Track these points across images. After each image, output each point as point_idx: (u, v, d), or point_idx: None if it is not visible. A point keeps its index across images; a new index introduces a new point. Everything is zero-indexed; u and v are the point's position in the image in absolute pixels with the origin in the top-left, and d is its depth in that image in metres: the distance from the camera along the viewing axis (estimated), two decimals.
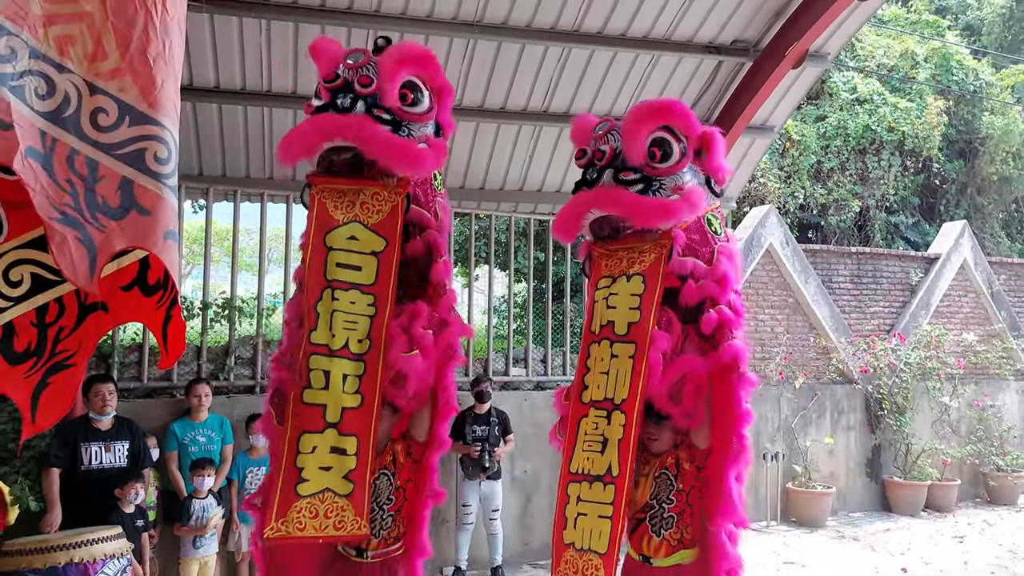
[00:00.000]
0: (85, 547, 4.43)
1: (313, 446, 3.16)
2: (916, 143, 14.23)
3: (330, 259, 3.28)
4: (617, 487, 3.30)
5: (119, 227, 1.99)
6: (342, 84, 3.22)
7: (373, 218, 3.35)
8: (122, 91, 2.06)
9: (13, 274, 2.42)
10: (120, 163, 2.02)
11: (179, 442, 5.79)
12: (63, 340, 2.53)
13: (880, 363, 9.72)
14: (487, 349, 8.09)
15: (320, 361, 3.20)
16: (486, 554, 6.97)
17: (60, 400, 2.57)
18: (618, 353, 3.41)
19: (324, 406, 3.18)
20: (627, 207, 3.34)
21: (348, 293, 3.27)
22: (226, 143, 7.19)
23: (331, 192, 3.34)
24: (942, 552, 7.84)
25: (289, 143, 3.24)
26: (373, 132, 3.18)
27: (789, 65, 7.03)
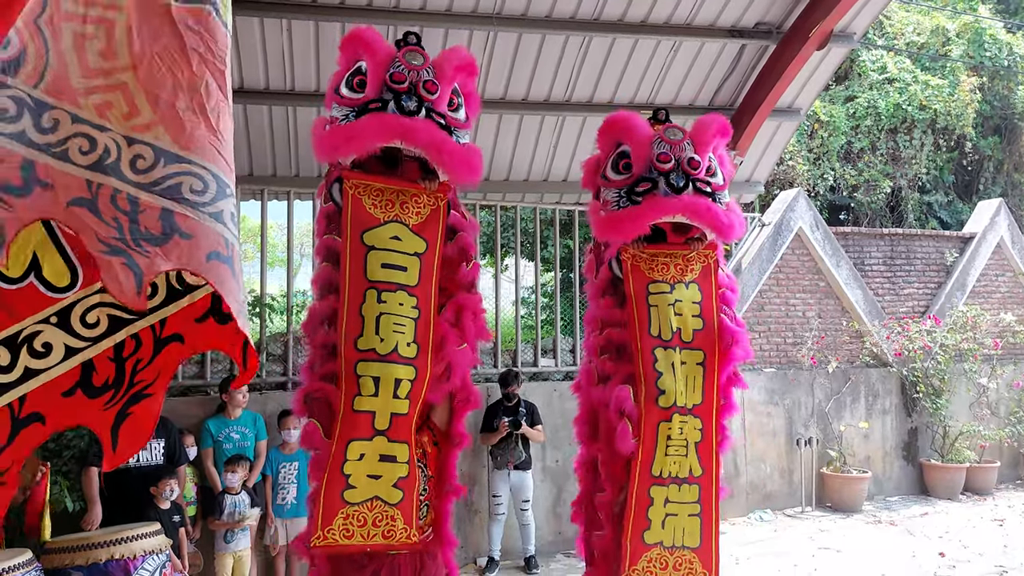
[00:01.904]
0: (125, 544, 4.53)
1: (361, 453, 3.13)
2: (949, 121, 13.96)
3: (371, 259, 3.23)
4: (701, 486, 3.51)
5: (162, 251, 2.19)
6: (408, 87, 3.21)
7: (414, 219, 3.33)
8: (156, 139, 2.27)
9: (90, 317, 2.56)
10: (159, 197, 2.24)
11: (214, 439, 5.88)
12: (140, 371, 2.63)
13: (915, 345, 9.58)
14: (516, 340, 8.11)
15: (369, 367, 3.15)
16: (519, 544, 7.00)
17: (140, 429, 2.66)
18: (687, 360, 3.56)
19: (373, 413, 3.14)
20: (717, 221, 3.45)
21: (396, 295, 3.22)
22: (252, 142, 7.28)
23: (367, 189, 3.31)
24: (981, 536, 7.73)
25: (349, 136, 3.19)
26: (443, 139, 3.20)
27: (814, 46, 6.94)
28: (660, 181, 3.47)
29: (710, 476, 3.52)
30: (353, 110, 3.25)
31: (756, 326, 9.21)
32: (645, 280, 3.63)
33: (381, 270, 3.23)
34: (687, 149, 3.52)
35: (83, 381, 2.56)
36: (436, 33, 6.68)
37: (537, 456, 7.21)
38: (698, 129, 3.63)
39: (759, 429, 8.89)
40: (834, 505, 8.96)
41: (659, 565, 3.44)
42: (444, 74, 3.31)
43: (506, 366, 7.75)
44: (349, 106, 3.27)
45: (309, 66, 6.73)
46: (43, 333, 2.50)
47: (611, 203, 3.63)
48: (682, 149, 3.52)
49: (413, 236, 3.31)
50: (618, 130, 3.74)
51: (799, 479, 9.00)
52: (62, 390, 2.53)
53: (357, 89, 3.29)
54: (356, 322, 3.17)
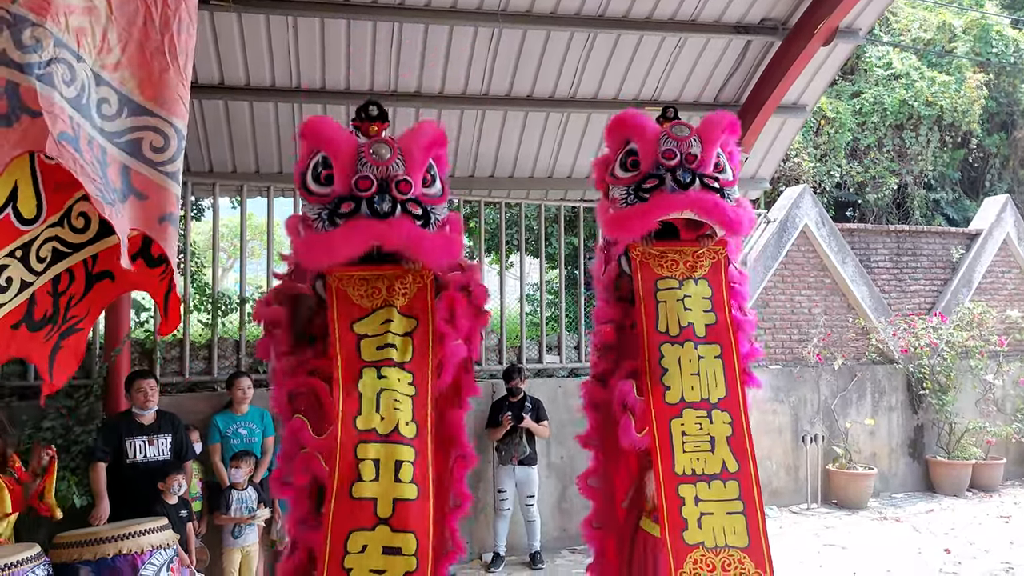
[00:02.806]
0: (133, 539, 4.54)
1: (363, 545, 2.89)
2: (955, 117, 13.92)
3: (364, 345, 3.15)
4: (741, 483, 3.39)
5: (123, 209, 2.11)
6: (377, 189, 3.12)
7: (401, 300, 3.26)
8: (122, 83, 2.13)
9: (42, 251, 2.52)
10: (119, 151, 2.11)
11: (221, 434, 5.91)
12: (73, 307, 2.64)
13: (921, 342, 9.56)
14: (521, 337, 8.12)
15: (368, 450, 2.97)
16: (524, 540, 7.01)
17: (71, 360, 2.72)
18: (704, 354, 3.51)
19: (375, 500, 2.92)
20: (725, 216, 3.44)
21: (393, 370, 3.11)
22: (258, 139, 7.30)
23: (352, 280, 3.24)
24: (987, 532, 7.72)
25: (327, 249, 3.12)
26: (420, 238, 3.14)
27: (819, 42, 6.92)
28: (667, 177, 3.46)
29: (748, 471, 3.40)
30: (325, 208, 3.17)
31: (761, 323, 9.20)
32: (654, 277, 3.61)
33: (377, 352, 3.14)
34: (694, 145, 3.51)
35: (27, 315, 2.55)
36: (441, 30, 6.69)
37: (542, 452, 7.23)
38: (706, 126, 3.63)
39: (765, 426, 8.88)
40: (840, 502, 8.95)
41: (705, 567, 3.29)
42: (415, 161, 3.21)
43: (511, 362, 7.76)
44: (320, 203, 3.19)
45: (315, 63, 6.74)
46: (9, 268, 2.44)
47: (619, 200, 3.63)
48: (689, 145, 3.50)
49: (403, 317, 3.23)
50: (626, 128, 3.73)
51: (805, 476, 8.99)
52: (11, 323, 2.52)
53: (324, 183, 3.21)
54: (353, 400, 3.02)
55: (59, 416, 5.74)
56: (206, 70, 6.62)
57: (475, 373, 7.50)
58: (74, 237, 2.62)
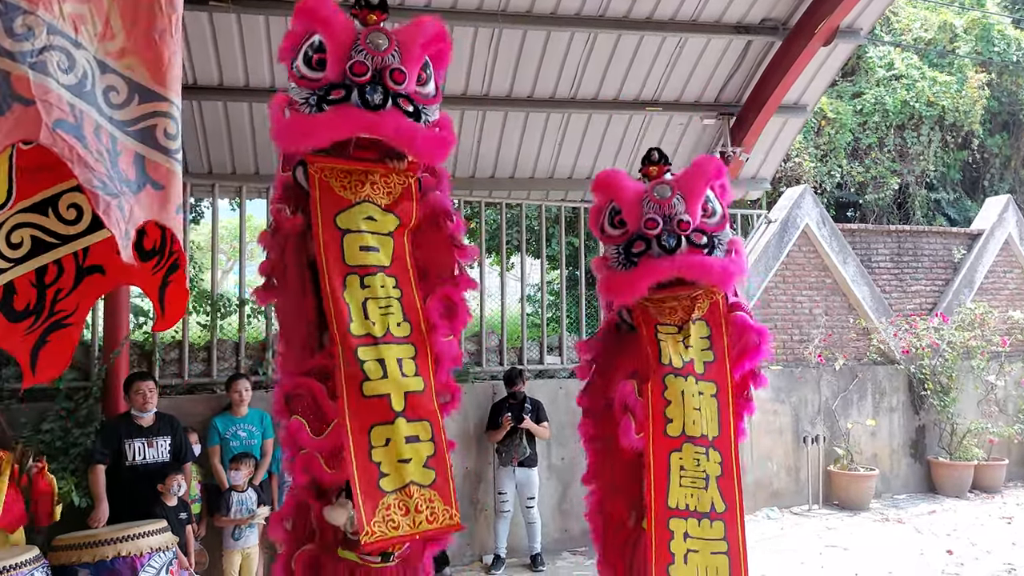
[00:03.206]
0: (131, 541, 4.53)
1: (386, 438, 2.99)
2: (957, 117, 13.90)
3: (348, 242, 3.10)
4: (726, 522, 3.45)
5: (136, 200, 2.03)
6: (371, 78, 3.04)
7: (384, 199, 3.21)
8: (130, 69, 2.07)
9: (14, 236, 2.47)
10: (133, 140, 2.05)
11: (221, 436, 5.89)
12: (61, 300, 2.58)
13: (922, 343, 9.54)
14: (522, 338, 8.11)
15: (369, 351, 3.04)
16: (525, 542, 7.00)
17: (58, 357, 2.62)
18: (703, 391, 3.54)
19: (388, 395, 3.02)
20: (712, 275, 3.47)
21: (376, 277, 3.11)
22: (257, 141, 7.28)
23: (335, 172, 3.16)
24: (989, 533, 7.70)
25: (310, 130, 3.04)
26: (411, 131, 3.07)
27: (820, 42, 6.90)
28: (653, 242, 3.47)
29: (735, 512, 3.45)
30: (313, 93, 3.08)
31: (762, 323, 9.17)
32: (654, 322, 3.65)
33: (359, 253, 3.10)
34: (676, 206, 3.49)
35: (3, 303, 2.50)
36: None
37: (543, 454, 7.21)
38: (687, 179, 3.59)
39: (766, 427, 8.87)
40: (841, 503, 8.93)
41: None
42: (411, 55, 3.12)
43: (512, 364, 7.75)
44: (309, 88, 3.10)
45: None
46: None
47: (611, 259, 3.66)
48: (672, 207, 3.48)
49: (385, 214, 3.20)
50: (607, 188, 3.72)
51: (806, 477, 8.97)
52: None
53: (316, 68, 3.11)
54: (342, 309, 3.04)
55: (58, 418, 5.73)
56: (205, 71, 6.61)
57: (475, 374, 7.54)
58: (63, 228, 2.57)
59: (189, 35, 6.27)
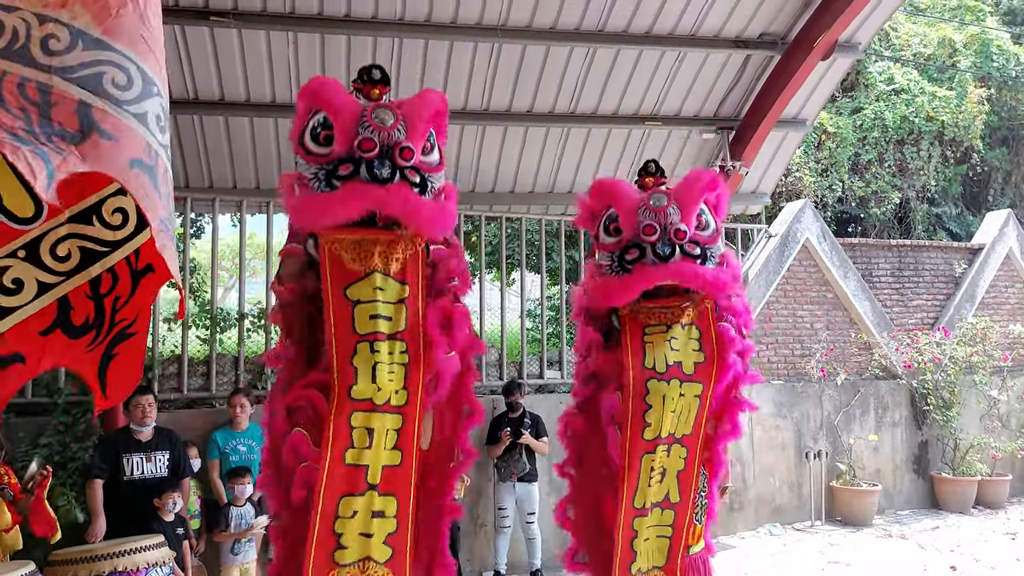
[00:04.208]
0: (128, 556, 4.52)
1: (354, 510, 2.99)
2: (956, 132, 13.93)
3: (358, 313, 3.12)
4: (677, 512, 3.59)
5: (79, 150, 1.94)
6: (380, 152, 3.08)
7: (394, 266, 3.21)
8: (73, 17, 2.00)
9: (60, 249, 2.43)
10: (75, 86, 1.96)
11: (220, 451, 5.87)
12: (121, 309, 2.52)
13: (924, 357, 9.51)
14: (522, 352, 8.09)
15: (361, 418, 3.03)
16: (525, 558, 6.95)
17: (129, 371, 2.56)
18: (686, 392, 3.59)
19: (367, 467, 3.02)
20: (704, 283, 3.51)
21: (386, 343, 3.11)
22: (258, 155, 7.31)
23: (344, 244, 3.17)
24: (993, 549, 7.64)
25: (323, 210, 3.06)
26: (417, 206, 3.09)
27: (819, 56, 6.93)
28: (647, 249, 3.52)
29: (685, 505, 3.60)
30: (322, 168, 3.11)
31: (763, 338, 9.16)
32: (642, 325, 3.68)
33: (369, 322, 3.11)
34: (672, 215, 3.54)
35: (61, 320, 2.45)
36: (441, 45, 6.70)
37: (543, 469, 7.16)
38: (683, 190, 3.65)
39: (768, 442, 8.83)
40: (844, 519, 8.88)
41: None
42: (416, 129, 3.17)
43: (511, 378, 7.73)
44: (318, 163, 3.13)
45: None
46: (12, 268, 2.37)
47: (604, 267, 3.69)
48: (667, 216, 3.53)
49: (394, 283, 3.19)
50: (605, 195, 3.76)
51: (808, 493, 8.92)
52: (40, 329, 2.43)
53: (324, 144, 3.13)
54: (348, 372, 3.03)
55: (56, 433, 5.71)
56: (206, 86, 6.64)
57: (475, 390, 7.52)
58: (111, 234, 2.52)
59: (190, 49, 6.31)
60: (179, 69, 6.36)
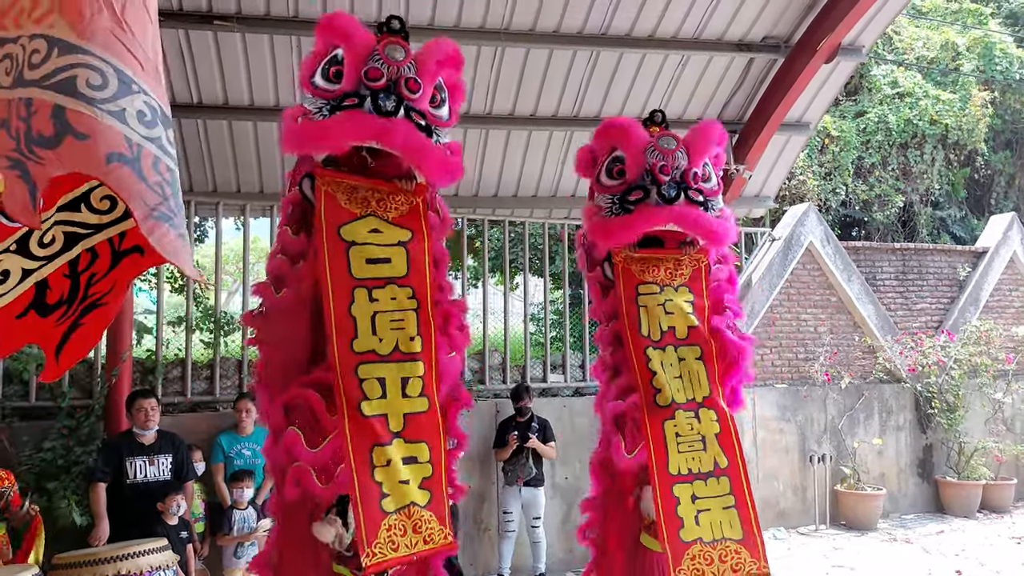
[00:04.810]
0: (132, 559, 4.51)
1: (387, 459, 2.96)
2: (960, 135, 13.91)
3: (353, 255, 3.05)
4: (731, 477, 3.54)
5: (55, 155, 1.98)
6: (385, 84, 3.04)
7: (392, 214, 3.19)
8: (51, 28, 2.06)
9: (45, 237, 2.44)
10: (50, 92, 2.01)
11: (225, 455, 5.86)
12: (95, 284, 2.51)
13: (928, 361, 9.48)
14: (525, 356, 8.08)
15: (370, 369, 3.00)
16: (529, 562, 6.94)
17: (88, 340, 2.55)
18: (685, 356, 3.59)
19: (385, 415, 2.98)
20: (708, 229, 3.53)
21: (385, 290, 3.06)
22: (262, 159, 7.32)
23: (340, 186, 3.13)
24: (999, 554, 7.61)
25: (320, 133, 3.02)
26: (420, 143, 3.06)
27: (822, 60, 6.93)
28: (652, 191, 3.50)
29: (736, 466, 3.54)
30: (328, 103, 3.07)
31: (767, 341, 9.15)
32: (635, 281, 3.67)
33: (366, 266, 3.05)
34: (680, 158, 3.55)
35: (36, 301, 2.45)
36: None
37: (547, 473, 7.15)
38: (693, 137, 3.66)
39: (772, 446, 8.81)
40: (848, 523, 8.85)
41: (704, 561, 3.41)
42: (427, 69, 3.16)
43: (516, 382, 7.72)
44: (323, 98, 3.09)
45: None
46: (2, 262, 2.38)
47: (604, 208, 3.67)
48: (675, 159, 3.54)
49: (393, 227, 3.16)
50: (614, 135, 3.74)
51: (812, 496, 8.89)
52: (15, 313, 2.43)
53: (333, 80, 3.10)
54: (348, 324, 2.99)
55: (60, 436, 5.71)
56: (210, 90, 6.65)
57: (479, 393, 7.51)
58: (96, 218, 2.52)
59: (194, 54, 6.32)
60: (183, 73, 6.37)
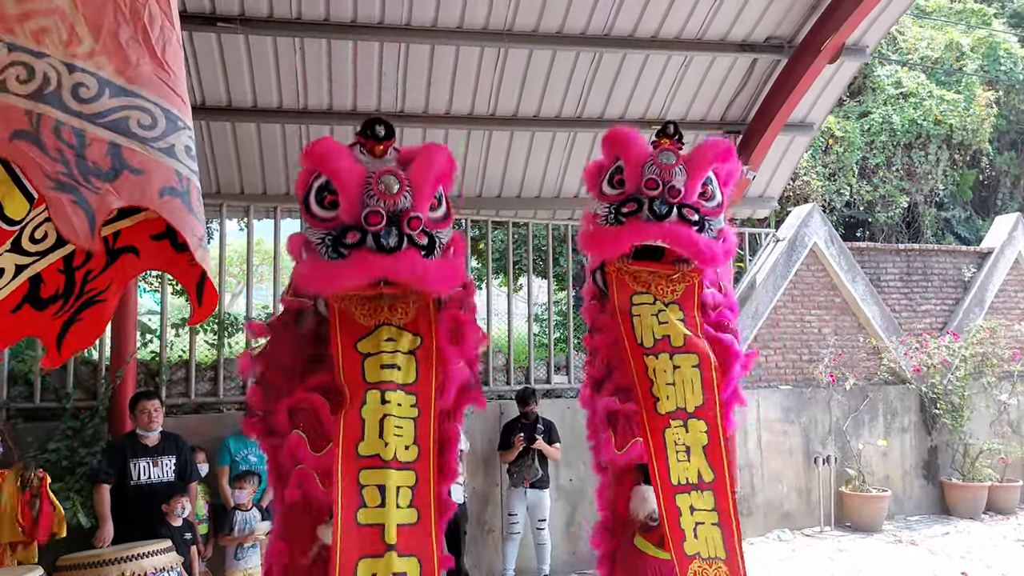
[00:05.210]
0: (136, 561, 4.52)
1: (372, 573, 2.86)
2: (965, 136, 13.88)
3: (368, 364, 3.07)
4: (717, 493, 3.46)
5: (113, 187, 2.09)
6: (387, 222, 3.01)
7: (403, 319, 3.19)
8: (99, 68, 2.16)
9: (37, 233, 2.48)
10: (105, 130, 2.12)
11: (232, 458, 5.86)
12: (92, 280, 2.54)
13: (933, 361, 9.45)
14: (529, 358, 8.08)
15: (371, 475, 2.93)
16: (533, 564, 6.92)
17: (88, 332, 2.57)
18: (680, 364, 3.54)
19: (382, 526, 2.89)
20: (697, 249, 3.49)
21: (396, 394, 3.04)
22: (265, 161, 7.32)
23: (352, 300, 3.16)
24: (1004, 555, 7.59)
25: (331, 278, 3.03)
26: (425, 271, 3.04)
27: (826, 60, 6.91)
28: (645, 205, 3.47)
29: (723, 481, 3.46)
30: (328, 234, 3.06)
31: (771, 342, 9.13)
32: (628, 292, 3.64)
33: (380, 371, 3.05)
34: (678, 175, 3.48)
35: (30, 295, 2.49)
36: (447, 50, 6.71)
37: (552, 475, 7.15)
38: (696, 154, 3.61)
39: (776, 447, 8.79)
40: (853, 525, 8.83)
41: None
42: (423, 193, 3.10)
43: (519, 383, 7.71)
44: (323, 229, 3.09)
45: (321, 85, 6.76)
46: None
47: (600, 217, 3.66)
48: (672, 175, 3.48)
49: (405, 333, 3.16)
50: (616, 145, 3.73)
51: (817, 498, 8.87)
52: (9, 307, 2.46)
53: (328, 208, 3.09)
54: (356, 425, 2.96)
55: (64, 438, 5.72)
56: (213, 92, 6.66)
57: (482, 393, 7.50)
58: None
59: (197, 55, 6.33)
60: (186, 75, 6.37)
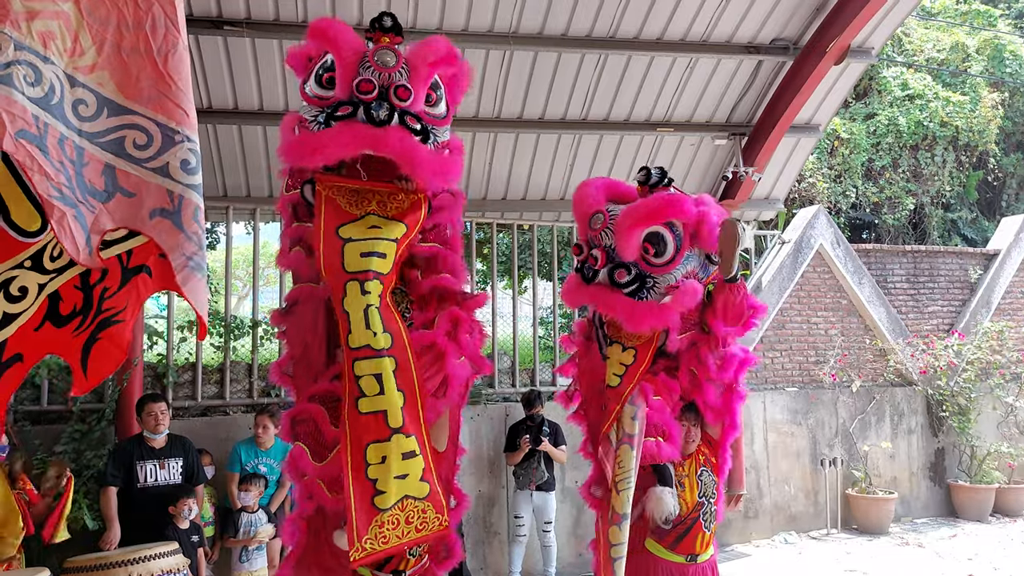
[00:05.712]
0: (143, 563, 4.52)
1: (383, 456, 2.92)
2: (971, 137, 13.85)
3: (348, 250, 3.00)
4: None
5: (106, 208, 2.11)
6: (377, 95, 3.01)
7: (393, 211, 3.16)
8: (100, 85, 2.16)
9: (55, 250, 2.49)
10: (101, 150, 2.14)
11: (242, 465, 5.84)
12: (108, 299, 2.55)
13: (940, 363, 9.42)
14: (534, 360, 8.07)
15: (365, 366, 2.93)
16: (539, 566, 6.92)
17: (111, 355, 2.57)
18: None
19: (384, 412, 2.93)
20: (621, 313, 3.52)
21: (375, 283, 2.99)
22: (272, 164, 7.33)
23: (342, 190, 3.13)
24: (1012, 558, 7.55)
25: (316, 147, 2.98)
26: (414, 149, 3.01)
27: (831, 62, 6.91)
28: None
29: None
30: (322, 111, 3.04)
31: (777, 344, 9.11)
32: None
33: (360, 260, 2.98)
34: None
35: (50, 312, 2.51)
36: None
37: (557, 477, 7.14)
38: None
39: (782, 450, 8.76)
40: (860, 527, 8.80)
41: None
42: (419, 73, 3.08)
43: (525, 386, 7.71)
44: (318, 106, 3.08)
45: None
46: (19, 277, 2.44)
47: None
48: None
49: (392, 222, 3.11)
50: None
51: (824, 500, 8.85)
52: (33, 326, 2.49)
53: (326, 86, 3.09)
54: (342, 319, 2.95)
55: (71, 440, 5.73)
56: (220, 95, 6.68)
57: (488, 397, 7.51)
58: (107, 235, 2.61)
59: (204, 59, 6.35)
60: (192, 78, 6.38)
